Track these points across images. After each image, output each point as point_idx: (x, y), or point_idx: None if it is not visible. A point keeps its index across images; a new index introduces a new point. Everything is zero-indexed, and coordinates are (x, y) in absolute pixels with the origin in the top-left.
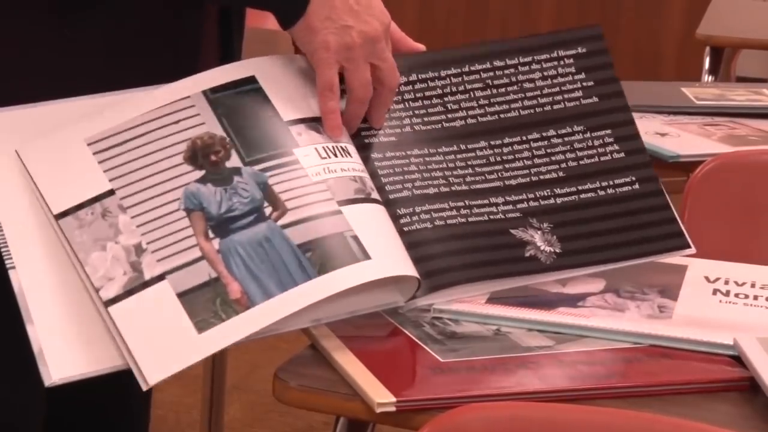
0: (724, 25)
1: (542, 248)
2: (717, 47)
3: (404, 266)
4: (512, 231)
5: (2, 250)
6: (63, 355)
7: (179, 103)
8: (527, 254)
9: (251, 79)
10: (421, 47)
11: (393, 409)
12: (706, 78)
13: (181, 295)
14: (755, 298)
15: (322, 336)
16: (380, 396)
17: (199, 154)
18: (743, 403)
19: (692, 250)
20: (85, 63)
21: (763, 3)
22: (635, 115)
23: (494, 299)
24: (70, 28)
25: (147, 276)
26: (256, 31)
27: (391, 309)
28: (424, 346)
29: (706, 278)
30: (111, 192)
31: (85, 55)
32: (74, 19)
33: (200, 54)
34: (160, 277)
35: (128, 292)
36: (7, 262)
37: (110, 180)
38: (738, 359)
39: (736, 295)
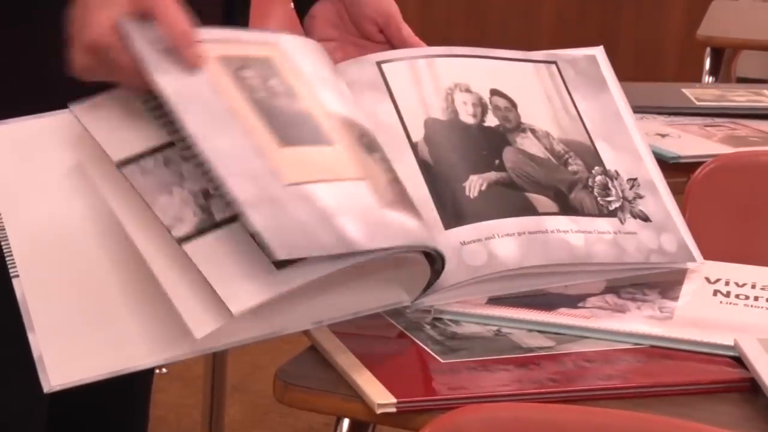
0: (725, 26)
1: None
2: (717, 48)
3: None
4: None
5: (6, 256)
6: (62, 361)
7: None
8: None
9: None
10: (422, 44)
11: (393, 410)
12: (707, 79)
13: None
14: (756, 299)
15: (323, 337)
16: (381, 397)
17: None
18: (744, 404)
19: (698, 263)
20: None
21: (763, 3)
22: (636, 116)
23: (495, 300)
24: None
25: (218, 218)
26: None
27: (391, 310)
28: (425, 347)
29: (707, 279)
30: (171, 144)
31: None
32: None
33: None
34: (232, 219)
35: (200, 232)
36: (11, 270)
37: (169, 134)
38: (738, 360)
39: (737, 296)
